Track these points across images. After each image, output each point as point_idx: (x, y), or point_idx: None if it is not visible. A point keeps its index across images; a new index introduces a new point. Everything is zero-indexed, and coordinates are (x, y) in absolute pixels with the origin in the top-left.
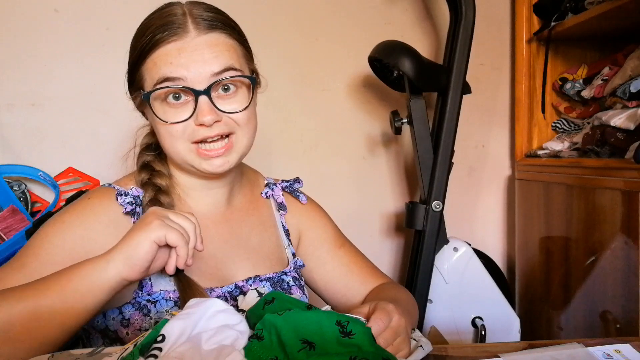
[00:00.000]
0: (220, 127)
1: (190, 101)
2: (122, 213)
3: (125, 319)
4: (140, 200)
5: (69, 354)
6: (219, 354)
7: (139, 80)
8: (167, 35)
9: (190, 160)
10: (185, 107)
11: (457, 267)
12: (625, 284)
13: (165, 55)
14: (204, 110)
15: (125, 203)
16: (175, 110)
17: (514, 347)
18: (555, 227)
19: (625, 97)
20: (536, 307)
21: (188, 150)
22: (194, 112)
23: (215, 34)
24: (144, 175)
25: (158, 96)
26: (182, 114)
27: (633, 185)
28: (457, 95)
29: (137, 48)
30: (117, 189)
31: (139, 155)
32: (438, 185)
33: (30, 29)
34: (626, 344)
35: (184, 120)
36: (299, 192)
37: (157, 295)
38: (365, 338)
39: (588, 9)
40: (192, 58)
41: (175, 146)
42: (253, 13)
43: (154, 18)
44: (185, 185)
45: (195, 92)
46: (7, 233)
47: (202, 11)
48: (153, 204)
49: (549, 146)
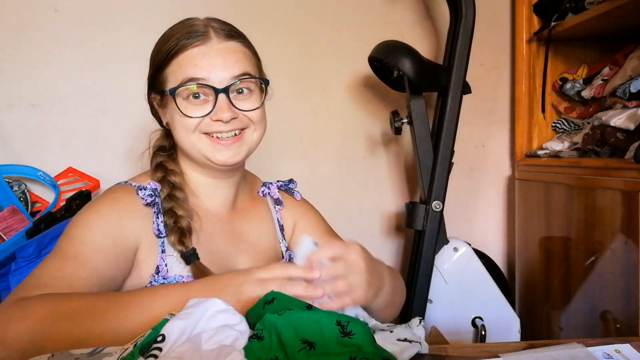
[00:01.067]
0: (235, 124)
1: (209, 100)
2: (143, 205)
3: None
4: (158, 192)
5: (69, 354)
6: (219, 354)
7: (162, 81)
8: (192, 41)
9: (204, 150)
10: (205, 105)
11: (457, 267)
12: (625, 284)
13: (190, 58)
14: (223, 107)
15: (145, 196)
16: (194, 107)
17: (514, 347)
18: (555, 227)
19: (625, 97)
20: (536, 307)
21: (201, 140)
22: (213, 109)
23: (234, 42)
24: (159, 174)
25: (181, 94)
26: (201, 110)
27: (633, 185)
28: (457, 95)
29: (161, 52)
30: (135, 185)
31: (153, 156)
32: (438, 185)
33: (30, 29)
34: (626, 344)
35: (204, 115)
36: (294, 190)
37: (172, 279)
38: (365, 338)
39: (588, 9)
40: (215, 62)
41: (190, 138)
42: (253, 13)
43: (176, 28)
44: (197, 184)
45: (216, 90)
46: (7, 233)
47: (221, 24)
48: (170, 199)
49: (549, 146)
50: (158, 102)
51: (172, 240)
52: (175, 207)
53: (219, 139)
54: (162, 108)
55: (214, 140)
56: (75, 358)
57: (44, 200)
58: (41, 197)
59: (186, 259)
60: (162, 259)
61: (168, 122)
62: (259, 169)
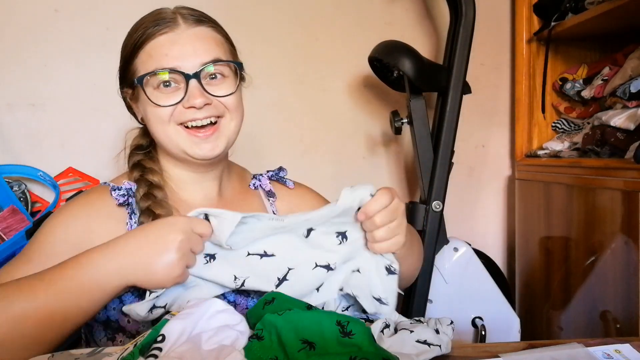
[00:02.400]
0: (209, 110)
1: (181, 88)
2: (116, 205)
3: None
4: (133, 192)
5: (69, 354)
6: (219, 354)
7: (132, 73)
8: (160, 28)
9: (181, 144)
10: (176, 93)
11: (457, 267)
12: (625, 284)
13: (159, 47)
14: (195, 93)
15: (118, 196)
16: (166, 96)
17: (514, 347)
18: (555, 227)
19: (625, 97)
20: (536, 307)
21: (177, 133)
22: (184, 96)
23: (203, 28)
24: (136, 173)
25: (151, 83)
26: (173, 98)
27: (633, 185)
28: (457, 95)
29: (129, 44)
30: (110, 185)
31: (130, 155)
32: (438, 185)
33: (30, 29)
34: (626, 344)
35: (175, 103)
36: (285, 179)
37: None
38: (366, 338)
39: (588, 9)
40: (184, 48)
41: (166, 130)
42: (253, 13)
43: (145, 18)
44: (178, 180)
45: (186, 75)
46: (7, 233)
47: (190, 10)
48: (147, 199)
49: (549, 146)
50: (130, 96)
51: None
52: (153, 206)
53: (195, 129)
54: (134, 102)
55: (190, 132)
56: (75, 358)
57: (44, 200)
58: (41, 197)
59: None
60: None
61: (143, 116)
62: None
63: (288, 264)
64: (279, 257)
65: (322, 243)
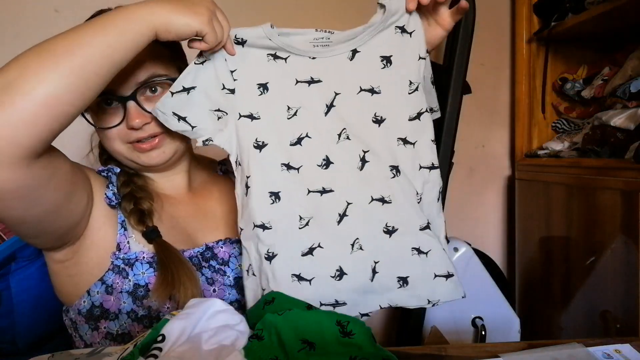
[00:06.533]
0: (151, 128)
1: (120, 107)
2: (95, 172)
3: (109, 286)
4: (115, 171)
5: (69, 354)
6: (219, 354)
7: None
8: None
9: (130, 156)
10: (117, 112)
11: (457, 267)
12: (625, 284)
13: None
14: (133, 114)
15: (99, 169)
16: (108, 116)
17: (514, 347)
18: (555, 227)
19: (625, 97)
20: (536, 307)
21: (126, 149)
22: (124, 117)
23: None
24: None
25: (90, 107)
26: (114, 118)
27: (633, 185)
28: (457, 95)
29: None
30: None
31: (101, 153)
32: None
33: (30, 29)
34: (626, 344)
35: (115, 125)
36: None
37: (132, 254)
38: (366, 338)
39: (588, 9)
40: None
41: (115, 147)
42: (253, 13)
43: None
44: (146, 175)
45: (121, 98)
46: (7, 233)
47: None
48: (127, 185)
49: (549, 146)
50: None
51: (132, 222)
52: (134, 191)
53: (142, 144)
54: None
55: (136, 146)
56: (75, 358)
57: None
58: None
59: (148, 237)
60: (125, 236)
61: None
62: None
63: (347, 197)
64: (337, 192)
65: (376, 175)
